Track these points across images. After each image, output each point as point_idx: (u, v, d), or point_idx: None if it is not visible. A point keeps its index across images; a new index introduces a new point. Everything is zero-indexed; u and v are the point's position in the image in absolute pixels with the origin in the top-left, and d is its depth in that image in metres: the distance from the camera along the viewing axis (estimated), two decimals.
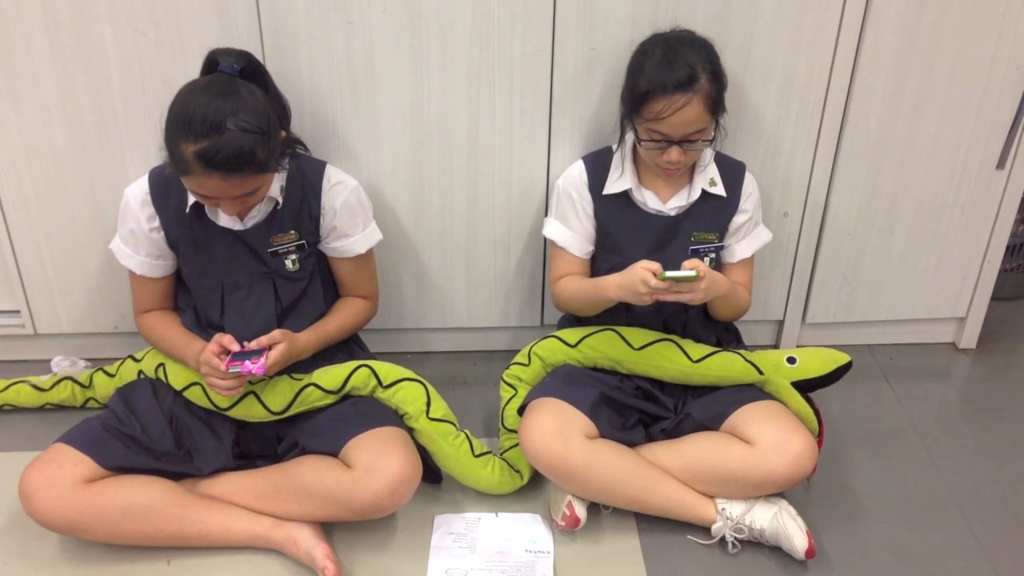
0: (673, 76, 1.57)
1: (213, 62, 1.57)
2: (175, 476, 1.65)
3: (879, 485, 1.81)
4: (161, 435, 1.66)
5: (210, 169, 1.47)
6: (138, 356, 1.82)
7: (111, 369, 1.87)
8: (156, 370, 1.75)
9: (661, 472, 1.66)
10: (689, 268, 1.57)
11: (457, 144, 1.87)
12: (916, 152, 1.94)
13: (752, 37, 1.79)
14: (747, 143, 1.88)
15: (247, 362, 1.57)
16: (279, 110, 1.63)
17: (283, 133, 1.60)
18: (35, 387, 1.93)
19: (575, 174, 1.78)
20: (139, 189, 1.68)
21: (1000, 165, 1.97)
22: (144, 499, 1.57)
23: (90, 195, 1.89)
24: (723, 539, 1.65)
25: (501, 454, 1.78)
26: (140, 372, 1.78)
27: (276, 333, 1.62)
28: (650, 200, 1.74)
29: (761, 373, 1.72)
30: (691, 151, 1.64)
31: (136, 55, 1.75)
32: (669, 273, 1.56)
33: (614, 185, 1.75)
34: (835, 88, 1.85)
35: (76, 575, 1.59)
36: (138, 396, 1.72)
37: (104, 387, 1.88)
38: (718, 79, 1.61)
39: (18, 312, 2.04)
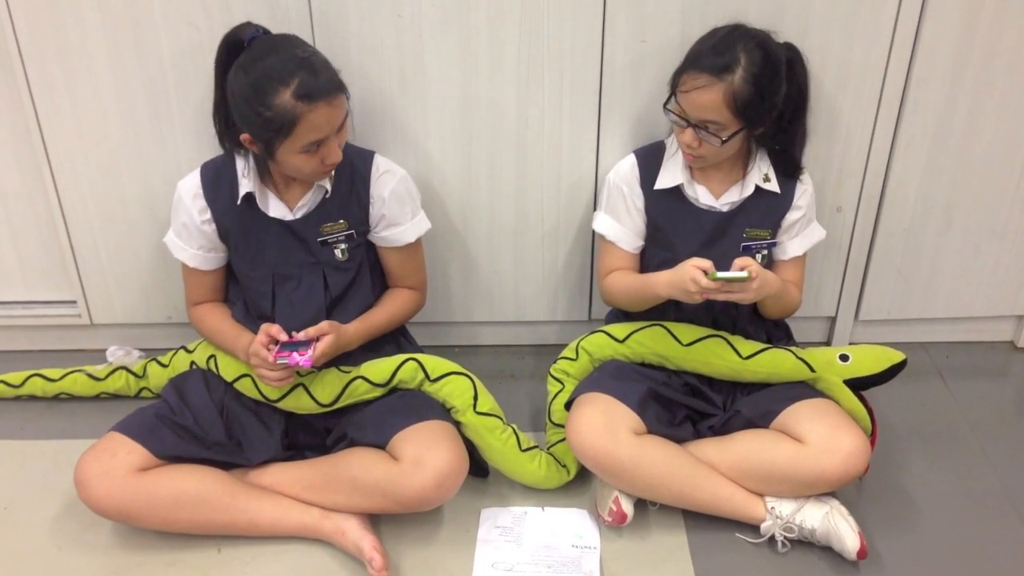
0: (708, 58, 1.56)
1: (237, 41, 1.58)
2: (226, 466, 1.67)
3: (933, 486, 1.78)
4: (212, 425, 1.68)
5: (315, 100, 1.50)
6: (190, 347, 1.84)
7: (164, 359, 1.90)
8: (207, 361, 1.77)
9: (709, 469, 1.65)
10: (740, 267, 1.55)
11: (505, 136, 1.87)
12: (975, 145, 1.89)
13: (806, 27, 1.76)
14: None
15: (295, 354, 1.58)
16: None
17: None
18: (91, 376, 1.97)
19: (626, 168, 1.77)
20: (191, 183, 1.70)
21: None
22: (195, 488, 1.59)
23: (144, 187, 1.91)
24: (772, 538, 1.63)
25: (548, 448, 1.78)
26: (192, 363, 1.81)
27: (324, 324, 1.63)
28: (702, 195, 1.72)
29: (813, 370, 1.70)
30: (705, 142, 1.61)
31: (189, 49, 1.77)
32: (721, 274, 1.54)
33: (666, 180, 1.73)
34: (891, 80, 1.81)
35: (129, 562, 1.62)
36: (190, 387, 1.75)
37: (157, 377, 1.91)
38: (758, 87, 1.55)
39: (75, 302, 2.08)
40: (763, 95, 1.57)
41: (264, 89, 1.50)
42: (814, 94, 1.82)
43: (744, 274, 1.54)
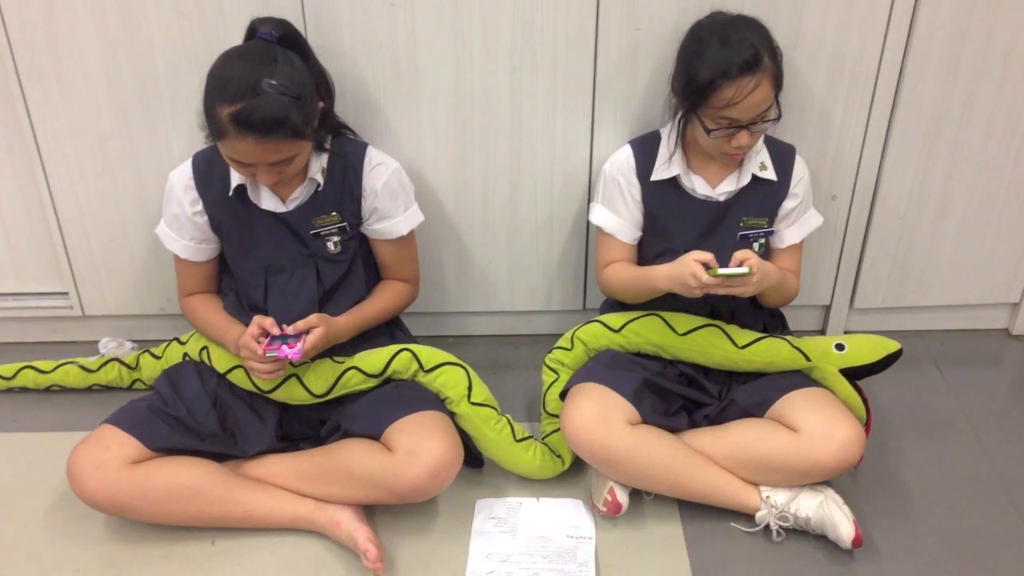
0: (738, 59, 1.54)
1: (253, 30, 1.58)
2: (219, 458, 1.66)
3: (928, 474, 1.78)
4: (206, 417, 1.68)
5: (244, 131, 1.47)
6: (183, 339, 1.84)
7: (157, 351, 1.90)
8: (200, 353, 1.76)
9: (704, 459, 1.64)
10: (740, 260, 1.54)
11: (499, 127, 1.86)
12: (970, 133, 1.89)
13: (801, 14, 1.75)
14: (795, 124, 1.84)
15: (284, 347, 1.57)
16: (319, 81, 1.63)
17: (320, 104, 1.59)
18: (83, 368, 1.96)
19: (622, 159, 1.76)
20: (183, 174, 1.69)
21: None
22: (189, 480, 1.59)
23: (136, 178, 1.90)
24: (767, 527, 1.63)
25: (542, 439, 1.77)
26: (185, 354, 1.80)
27: (313, 318, 1.63)
28: (699, 186, 1.72)
29: (808, 360, 1.70)
30: (757, 132, 1.61)
31: (180, 38, 1.75)
32: (722, 270, 1.53)
33: (662, 171, 1.72)
34: (887, 67, 1.81)
35: (122, 554, 1.61)
36: (183, 378, 1.74)
37: (150, 369, 1.90)
38: (776, 55, 1.59)
39: (66, 294, 2.07)
40: (779, 57, 1.60)
41: (215, 91, 1.50)
42: (809, 81, 1.82)
43: (745, 269, 1.53)
